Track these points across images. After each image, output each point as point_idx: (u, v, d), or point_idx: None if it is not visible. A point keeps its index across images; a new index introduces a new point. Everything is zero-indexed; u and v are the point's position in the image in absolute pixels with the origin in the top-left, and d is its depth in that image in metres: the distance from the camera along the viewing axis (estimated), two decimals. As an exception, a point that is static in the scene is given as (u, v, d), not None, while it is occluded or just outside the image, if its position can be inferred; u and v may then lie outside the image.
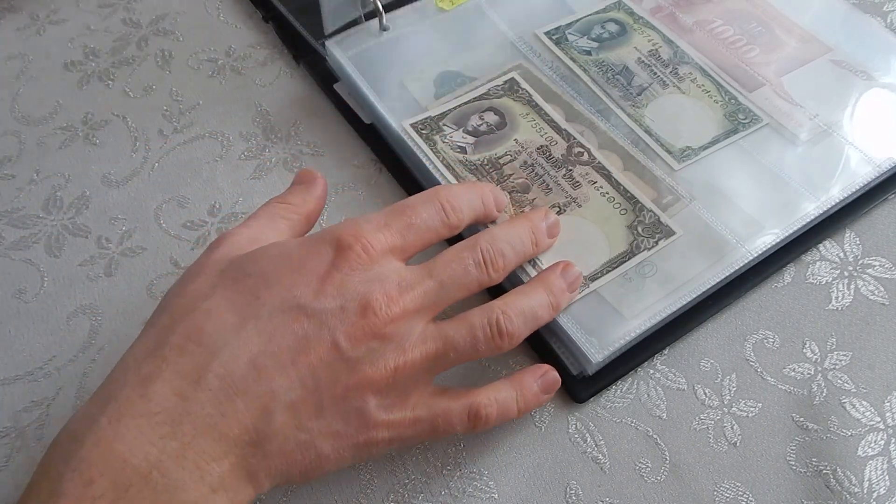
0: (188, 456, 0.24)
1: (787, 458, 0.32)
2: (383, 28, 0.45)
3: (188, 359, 0.25)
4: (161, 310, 0.28)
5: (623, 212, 0.37)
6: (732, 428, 0.33)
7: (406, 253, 0.30)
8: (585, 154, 0.39)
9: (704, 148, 0.40)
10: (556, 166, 0.39)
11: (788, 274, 0.37)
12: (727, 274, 0.35)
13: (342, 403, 0.27)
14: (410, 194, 0.40)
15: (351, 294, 0.27)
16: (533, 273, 0.35)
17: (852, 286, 0.37)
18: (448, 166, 0.39)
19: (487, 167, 0.39)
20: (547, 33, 0.45)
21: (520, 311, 0.31)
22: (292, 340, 0.26)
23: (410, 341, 0.28)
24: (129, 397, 0.24)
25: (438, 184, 0.38)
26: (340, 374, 0.26)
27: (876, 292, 0.37)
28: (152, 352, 0.26)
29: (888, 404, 0.33)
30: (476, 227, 0.36)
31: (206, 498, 0.24)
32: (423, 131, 0.40)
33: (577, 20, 0.46)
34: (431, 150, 0.40)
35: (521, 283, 0.35)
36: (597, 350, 0.33)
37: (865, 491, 0.31)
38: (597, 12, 0.46)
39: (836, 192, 0.38)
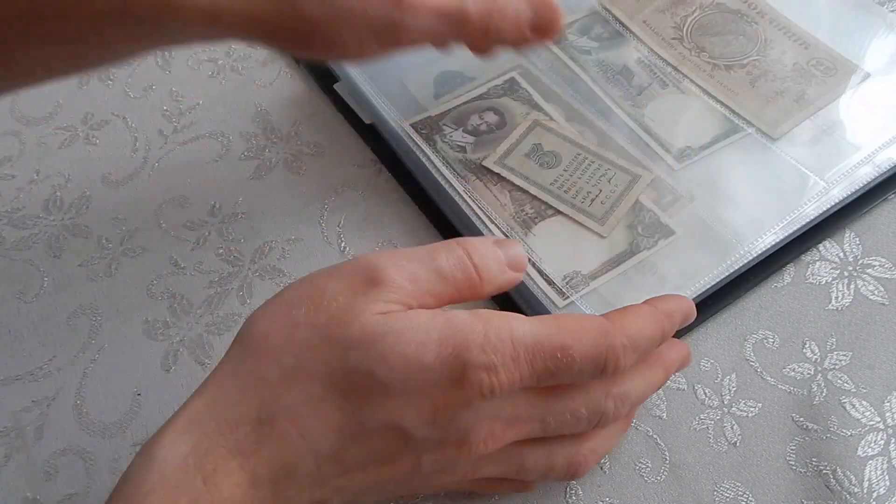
0: None
1: (787, 458, 0.32)
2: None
3: (288, 448, 0.25)
4: (270, 355, 0.26)
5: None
6: (732, 428, 0.33)
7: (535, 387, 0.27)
8: (585, 154, 0.39)
9: (704, 148, 0.40)
10: (555, 166, 0.39)
11: (788, 274, 0.37)
12: (727, 274, 0.35)
13: (401, 490, 0.28)
14: (411, 195, 0.41)
15: (455, 428, 0.26)
16: (528, 266, 0.35)
17: (852, 286, 0.37)
18: (448, 165, 0.39)
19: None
20: (547, 33, 0.45)
21: (601, 454, 0.30)
22: (382, 454, 0.26)
23: (486, 460, 0.28)
24: (228, 464, 0.24)
25: (439, 185, 0.38)
26: (411, 480, 0.27)
27: (876, 292, 0.37)
28: (255, 424, 0.25)
29: (888, 404, 0.33)
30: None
31: None
32: (423, 131, 0.40)
33: (577, 20, 0.46)
34: (431, 149, 0.40)
35: (530, 292, 0.35)
36: (597, 350, 0.33)
37: (865, 491, 0.31)
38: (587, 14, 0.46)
39: (836, 192, 0.38)
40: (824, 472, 0.32)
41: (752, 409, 0.34)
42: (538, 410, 0.27)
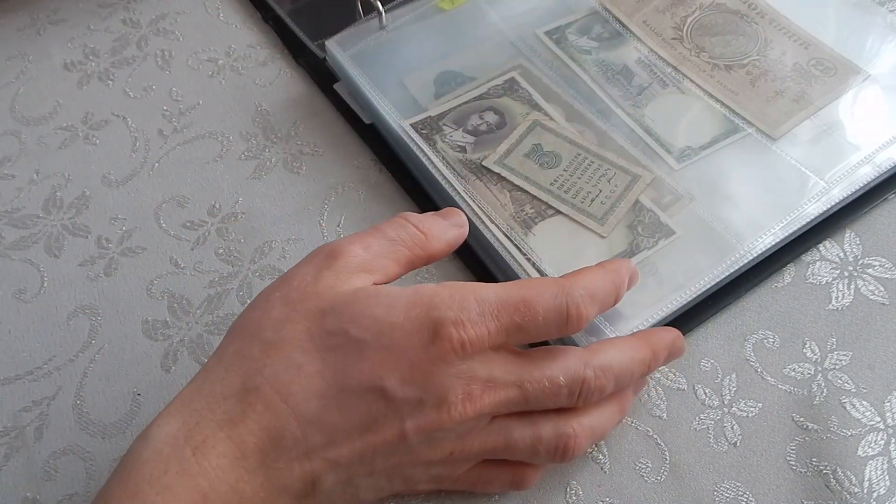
0: (254, 501, 0.26)
1: (787, 458, 0.32)
2: (383, 27, 0.45)
3: (272, 414, 0.26)
4: (252, 334, 0.28)
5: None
6: (732, 428, 0.33)
7: (507, 345, 0.28)
8: (585, 154, 0.39)
9: (704, 148, 0.40)
10: (555, 166, 0.39)
11: (788, 274, 0.37)
12: (727, 274, 0.35)
13: (393, 471, 0.28)
14: (411, 195, 0.41)
15: (433, 387, 0.27)
16: (528, 266, 0.35)
17: (852, 286, 0.37)
18: (448, 165, 0.39)
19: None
20: (547, 33, 0.45)
21: (591, 433, 0.30)
22: (365, 419, 0.27)
23: (472, 433, 0.28)
24: (216, 436, 0.26)
25: (439, 185, 0.38)
26: (398, 454, 0.28)
27: (876, 292, 0.37)
28: (240, 395, 0.27)
29: (888, 404, 0.33)
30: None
31: None
32: (423, 131, 0.40)
33: (577, 20, 0.46)
34: (431, 149, 0.40)
35: (515, 274, 0.35)
36: (597, 350, 0.33)
37: (865, 491, 0.31)
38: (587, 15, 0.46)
39: (836, 192, 0.38)
40: (824, 472, 0.32)
41: (752, 409, 0.34)
42: (514, 375, 0.28)
